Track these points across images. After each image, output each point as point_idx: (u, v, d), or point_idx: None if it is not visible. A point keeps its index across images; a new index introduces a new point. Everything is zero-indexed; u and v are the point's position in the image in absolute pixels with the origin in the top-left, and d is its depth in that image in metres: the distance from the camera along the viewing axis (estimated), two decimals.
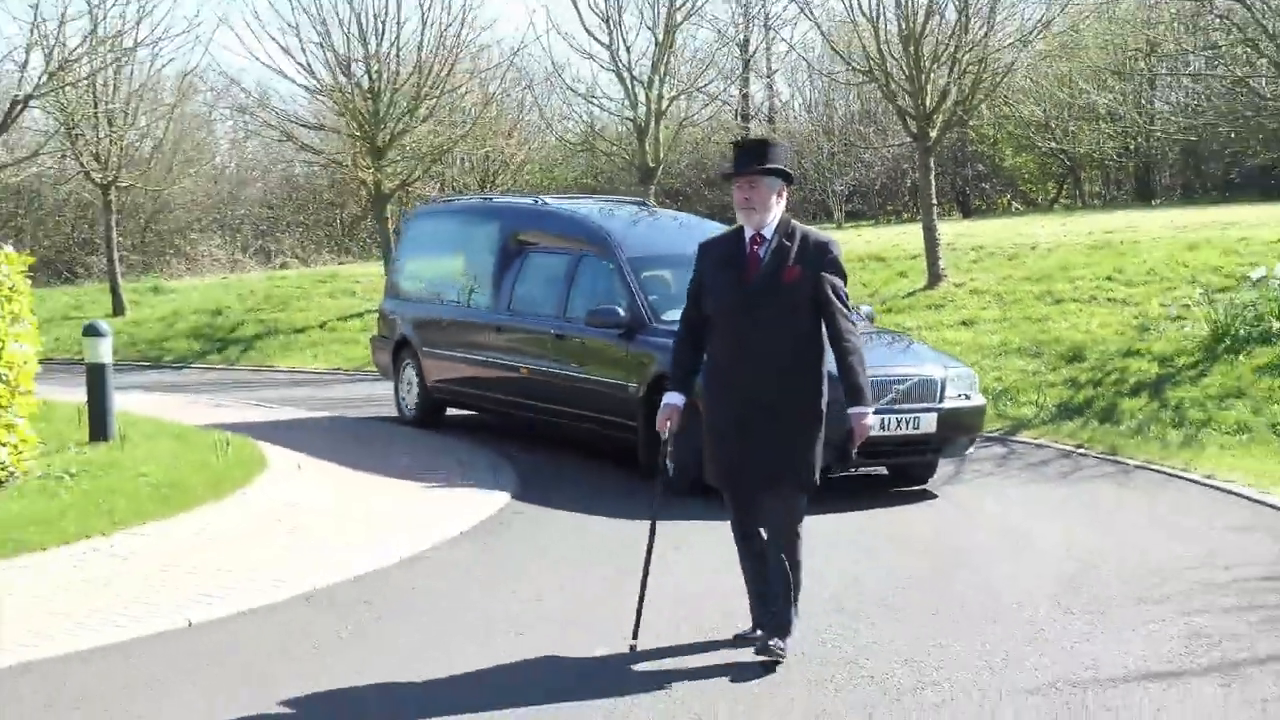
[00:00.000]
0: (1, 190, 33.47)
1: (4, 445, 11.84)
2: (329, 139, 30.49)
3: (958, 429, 11.50)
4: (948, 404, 11.37)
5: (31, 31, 24.17)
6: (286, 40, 27.25)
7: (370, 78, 26.65)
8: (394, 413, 16.70)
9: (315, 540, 10.09)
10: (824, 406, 7.17)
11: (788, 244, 7.08)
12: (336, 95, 27.47)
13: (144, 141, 30.38)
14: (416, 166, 28.54)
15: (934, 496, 11.66)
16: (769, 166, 7.13)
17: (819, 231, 7.33)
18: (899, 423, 10.99)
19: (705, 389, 7.40)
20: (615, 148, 30.85)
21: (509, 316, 14.18)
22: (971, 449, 11.94)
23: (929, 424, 11.16)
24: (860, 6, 22.09)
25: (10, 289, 12.21)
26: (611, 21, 26.89)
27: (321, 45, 26.84)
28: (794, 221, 7.25)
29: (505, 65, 32.72)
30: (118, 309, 28.82)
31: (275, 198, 41.78)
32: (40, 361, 13.12)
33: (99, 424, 14.22)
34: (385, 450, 14.04)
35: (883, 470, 12.08)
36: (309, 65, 27.32)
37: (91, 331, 14.45)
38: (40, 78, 24.58)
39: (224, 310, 27.98)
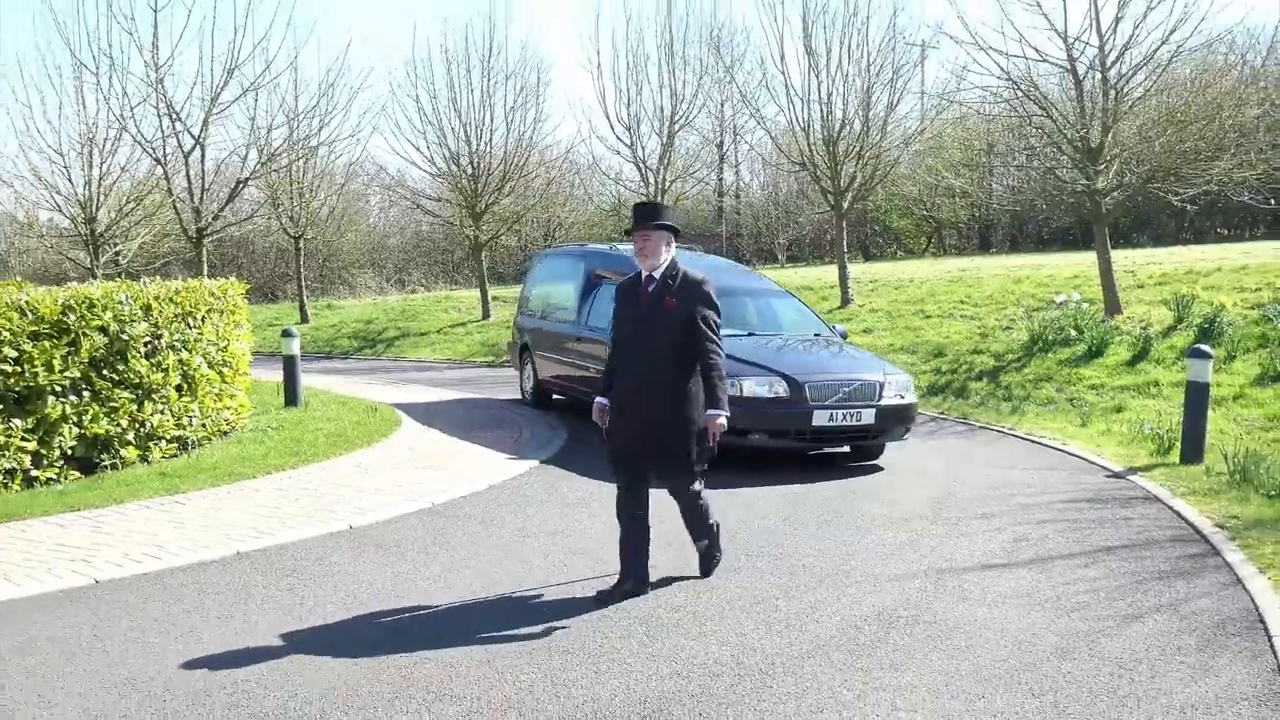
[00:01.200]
0: (229, 240, 33.50)
1: (228, 409, 11.86)
2: (443, 207, 30.44)
3: (893, 421, 10.56)
4: (885, 402, 10.39)
5: (250, 135, 24.21)
6: (417, 141, 27.72)
7: (472, 166, 26.73)
8: (495, 392, 16.68)
9: (431, 474, 10.09)
10: (690, 406, 6.37)
11: (670, 282, 6.42)
12: (449, 178, 27.67)
13: (323, 208, 30.33)
14: (502, 226, 28.56)
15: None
16: (659, 223, 6.46)
17: (697, 272, 6.53)
18: (845, 415, 10.19)
19: (613, 391, 6.62)
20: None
21: (586, 330, 13.16)
22: (907, 436, 10.94)
23: (869, 417, 10.28)
24: (797, 120, 22.14)
25: (234, 306, 12.22)
26: (631, 130, 26.91)
27: (440, 144, 26.98)
28: (681, 266, 6.52)
29: (562, 159, 32.84)
30: (303, 319, 28.82)
31: (408, 246, 41.70)
32: (252, 354, 13.16)
33: (291, 395, 14.25)
34: (484, 418, 14.01)
35: (846, 449, 11.03)
36: (431, 158, 27.49)
37: (287, 334, 14.45)
38: (255, 166, 24.61)
39: (373, 320, 27.95)
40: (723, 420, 6.30)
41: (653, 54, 31.99)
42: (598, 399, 6.67)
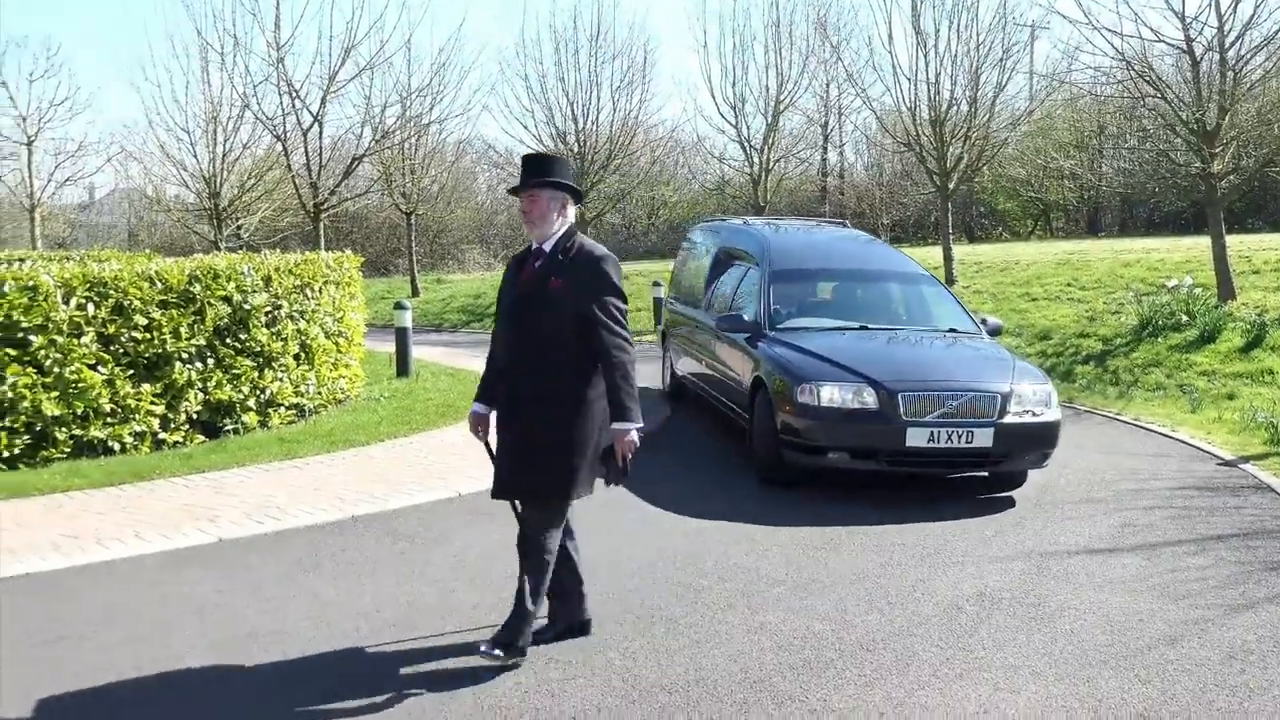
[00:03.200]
0: (344, 216, 34.13)
1: (343, 378, 12.11)
2: None
3: (1022, 444, 8.13)
4: (1010, 419, 8.01)
5: (365, 113, 24.65)
6: (525, 119, 27.79)
7: (578, 144, 26.87)
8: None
9: None
10: (583, 418, 4.82)
11: (561, 258, 4.89)
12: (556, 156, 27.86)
13: (433, 185, 30.70)
14: (606, 204, 28.67)
15: None
16: (548, 180, 4.95)
17: (596, 246, 4.98)
18: (951, 435, 7.92)
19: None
20: (737, 193, 30.90)
21: (705, 315, 11.38)
22: (1047, 462, 8.45)
23: (985, 438, 7.94)
24: (903, 100, 21.80)
25: (350, 278, 12.46)
26: (736, 109, 26.83)
27: (548, 123, 27.17)
28: (579, 236, 5.01)
29: (666, 138, 32.84)
30: (414, 292, 29.25)
31: (515, 222, 41.95)
32: (366, 325, 13.41)
33: (402, 365, 14.48)
34: None
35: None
36: (539, 136, 27.68)
37: (399, 306, 14.69)
38: (369, 143, 25.04)
39: (481, 295, 28.24)
40: (634, 435, 4.78)
41: (759, 34, 31.85)
42: (475, 405, 5.22)
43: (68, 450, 8.90)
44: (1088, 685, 4.79)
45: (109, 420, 9.12)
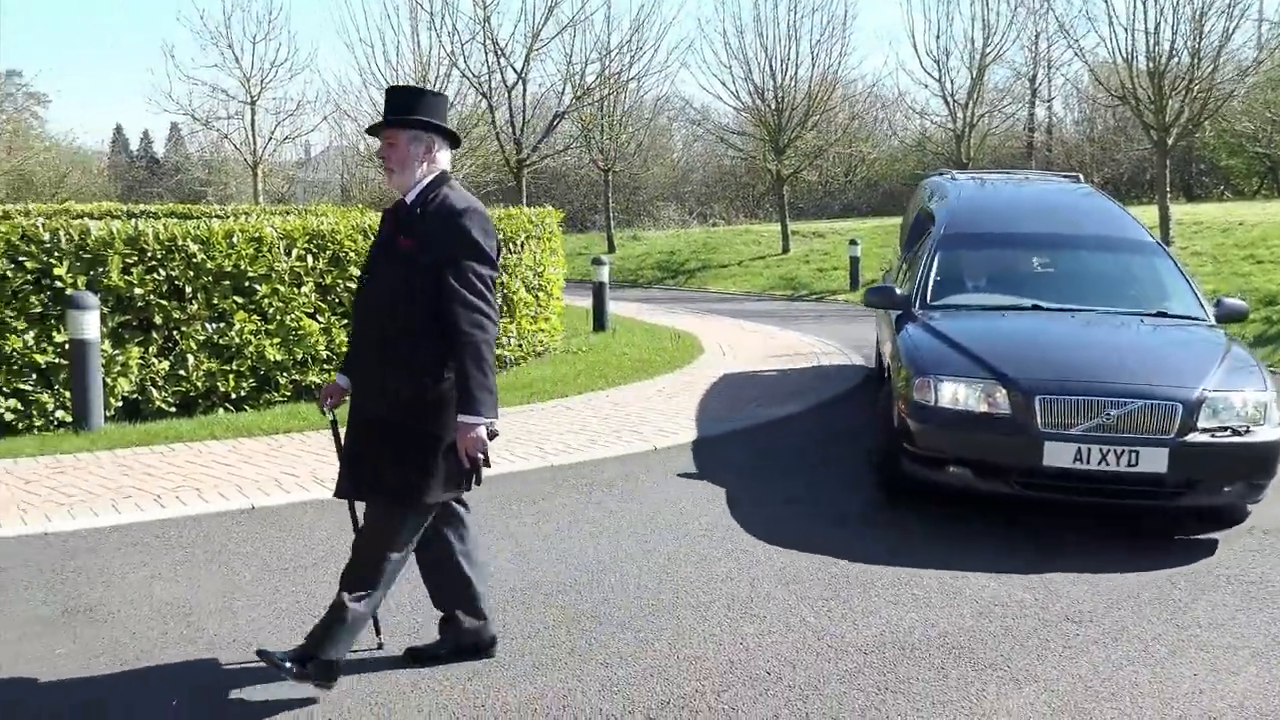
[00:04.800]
0: (544, 172, 34.74)
1: (543, 331, 12.36)
2: (746, 141, 30.41)
3: (1214, 470, 6.11)
4: (1196, 436, 6.04)
5: (566, 70, 25.00)
6: (722, 76, 27.83)
7: (776, 100, 26.56)
8: (794, 325, 16.63)
9: (729, 400, 10.16)
10: (437, 409, 3.97)
11: (418, 211, 4.03)
12: (753, 112, 27.65)
13: (630, 143, 30.92)
14: (804, 161, 28.30)
15: None
16: (409, 118, 4.06)
17: (463, 198, 4.06)
18: (1109, 455, 6.01)
19: None
20: (939, 149, 30.12)
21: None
22: (1261, 496, 6.30)
23: (1158, 461, 5.99)
24: (1119, 51, 20.71)
25: (550, 233, 12.68)
26: (940, 63, 26.15)
27: (746, 79, 26.95)
28: (448, 187, 4.07)
29: (866, 93, 32.20)
30: (610, 249, 29.59)
31: (710, 179, 41.98)
32: (565, 280, 13.64)
33: (599, 320, 14.69)
34: (781, 349, 13.96)
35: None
36: (736, 92, 27.55)
37: (597, 262, 14.89)
38: (570, 101, 25.40)
39: (676, 251, 28.38)
40: (480, 432, 3.90)
41: None
42: (337, 376, 4.40)
43: (288, 394, 9.38)
44: None
45: (325, 366, 9.56)
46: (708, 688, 4.23)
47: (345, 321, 9.64)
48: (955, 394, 6.45)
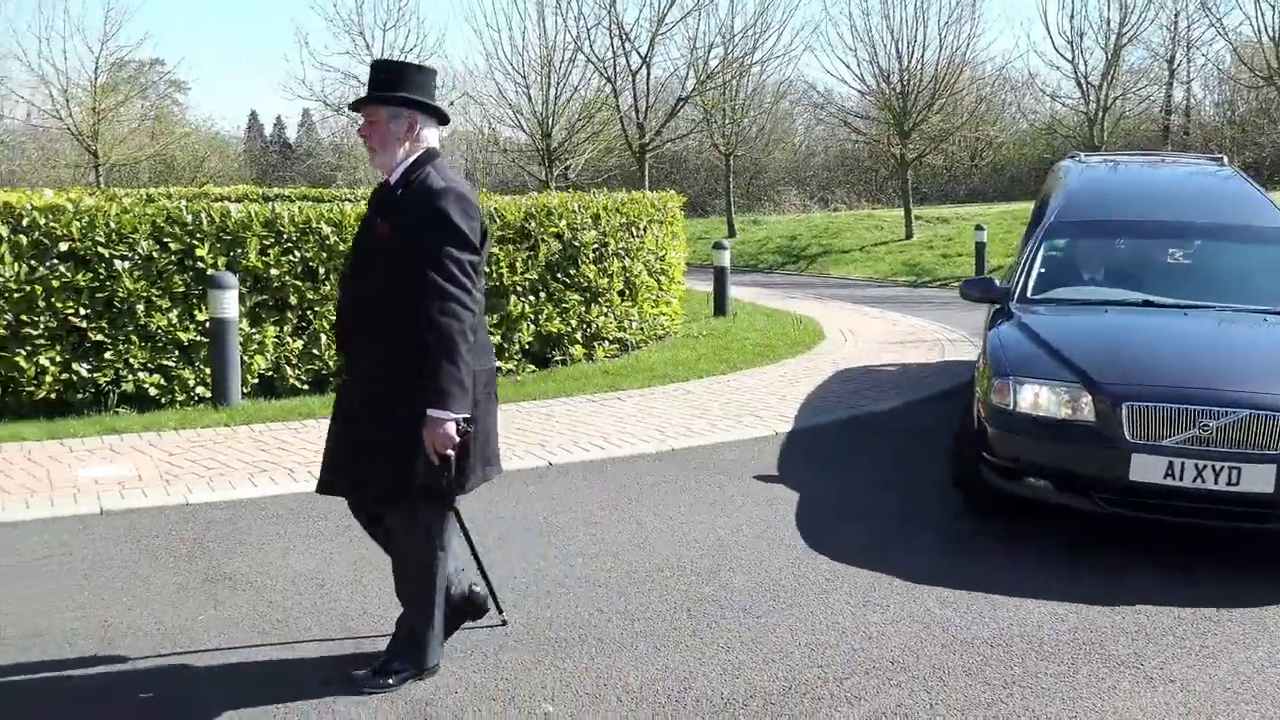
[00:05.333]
0: (665, 157, 34.80)
1: (664, 314, 12.39)
2: (870, 124, 30.00)
3: None
4: None
5: (689, 55, 25.01)
6: (847, 59, 27.49)
7: (902, 83, 26.14)
8: (918, 311, 16.37)
9: (851, 386, 10.03)
10: (411, 399, 3.73)
11: (398, 192, 3.86)
12: (878, 95, 27.27)
13: (752, 127, 30.78)
14: (928, 145, 27.82)
15: None
16: (390, 94, 3.88)
17: (445, 178, 3.82)
18: (1207, 472, 5.33)
19: None
20: (1070, 133, 29.32)
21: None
22: None
23: (1263, 479, 5.29)
24: (1266, 30, 19.85)
25: (672, 217, 12.69)
26: (1073, 44, 25.47)
27: (871, 62, 26.59)
28: (432, 166, 3.86)
29: (995, 75, 31.50)
30: (730, 233, 29.50)
31: (832, 163, 41.58)
32: (685, 264, 13.65)
33: (720, 304, 14.67)
34: (904, 335, 13.73)
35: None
36: (861, 75, 27.20)
37: (718, 246, 14.87)
38: (692, 86, 25.38)
39: (797, 236, 28.16)
40: (449, 428, 3.68)
41: None
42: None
43: None
44: None
45: None
46: (830, 675, 4.20)
47: None
48: (1036, 398, 5.84)
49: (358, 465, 3.91)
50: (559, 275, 10.53)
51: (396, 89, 3.89)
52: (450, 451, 3.72)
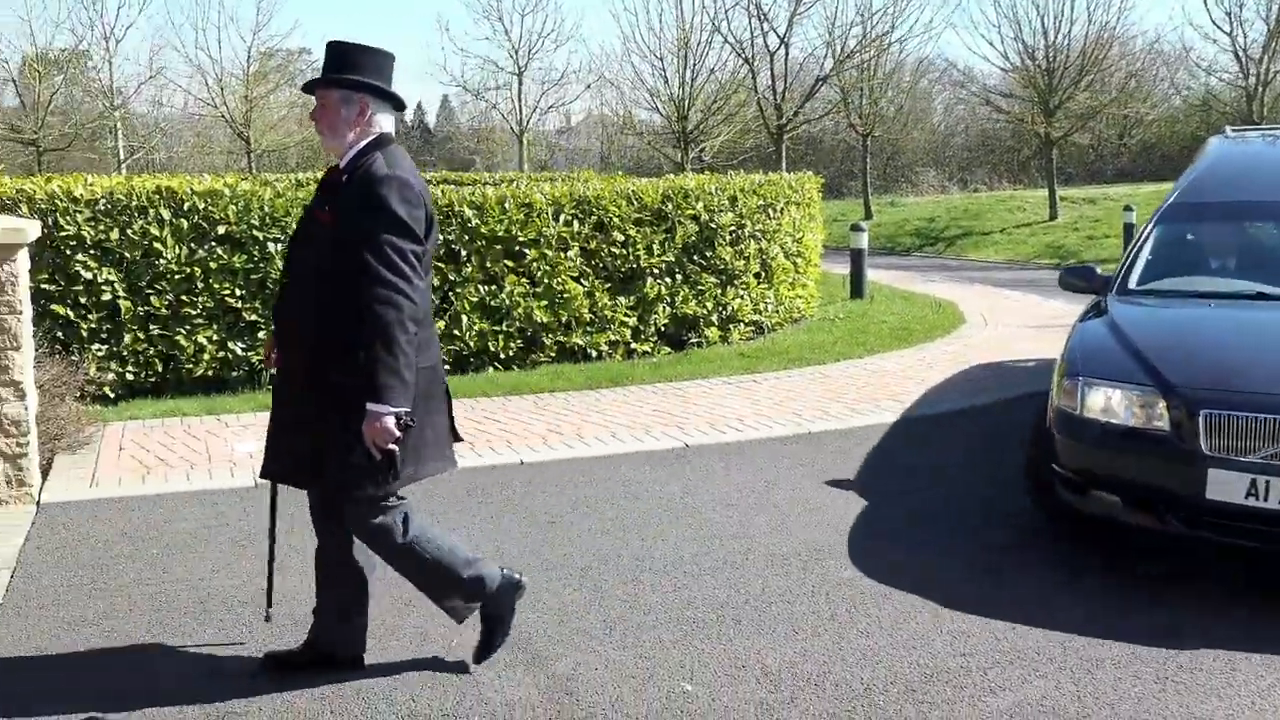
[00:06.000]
0: (800, 138, 34.48)
1: (800, 297, 12.30)
2: (1013, 103, 29.24)
3: None
4: None
5: (828, 34, 24.73)
6: (990, 36, 26.87)
7: (1047, 60, 25.43)
8: (1063, 295, 15.92)
9: (998, 367, 9.80)
10: (346, 395, 3.60)
11: (345, 180, 3.71)
12: (1022, 73, 26.59)
13: (890, 107, 30.31)
14: (1075, 123, 26.98)
15: None
16: (340, 77, 3.74)
17: (391, 164, 3.65)
18: (1262, 489, 4.62)
19: None
20: (1227, 109, 28.08)
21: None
22: None
23: None
24: None
25: (809, 199, 12.58)
26: (1232, 15, 24.43)
27: (1016, 39, 25.96)
28: (381, 153, 3.68)
29: (1146, 50, 30.37)
30: (867, 215, 29.12)
31: (973, 144, 40.67)
32: (822, 247, 13.52)
33: (857, 287, 14.50)
34: (1046, 317, 13.33)
35: None
36: (1005, 53, 26.60)
37: (856, 228, 14.69)
38: (830, 66, 25.10)
39: (935, 218, 27.65)
40: (387, 422, 3.52)
41: None
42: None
43: (552, 354, 9.70)
44: None
45: (588, 329, 9.82)
46: (973, 664, 4.12)
47: (609, 285, 9.88)
48: (1107, 401, 5.14)
49: (298, 456, 3.78)
50: (695, 257, 10.53)
51: (349, 72, 3.75)
52: (393, 446, 3.55)
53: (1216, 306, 5.88)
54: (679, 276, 10.39)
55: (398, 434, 3.53)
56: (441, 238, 9.11)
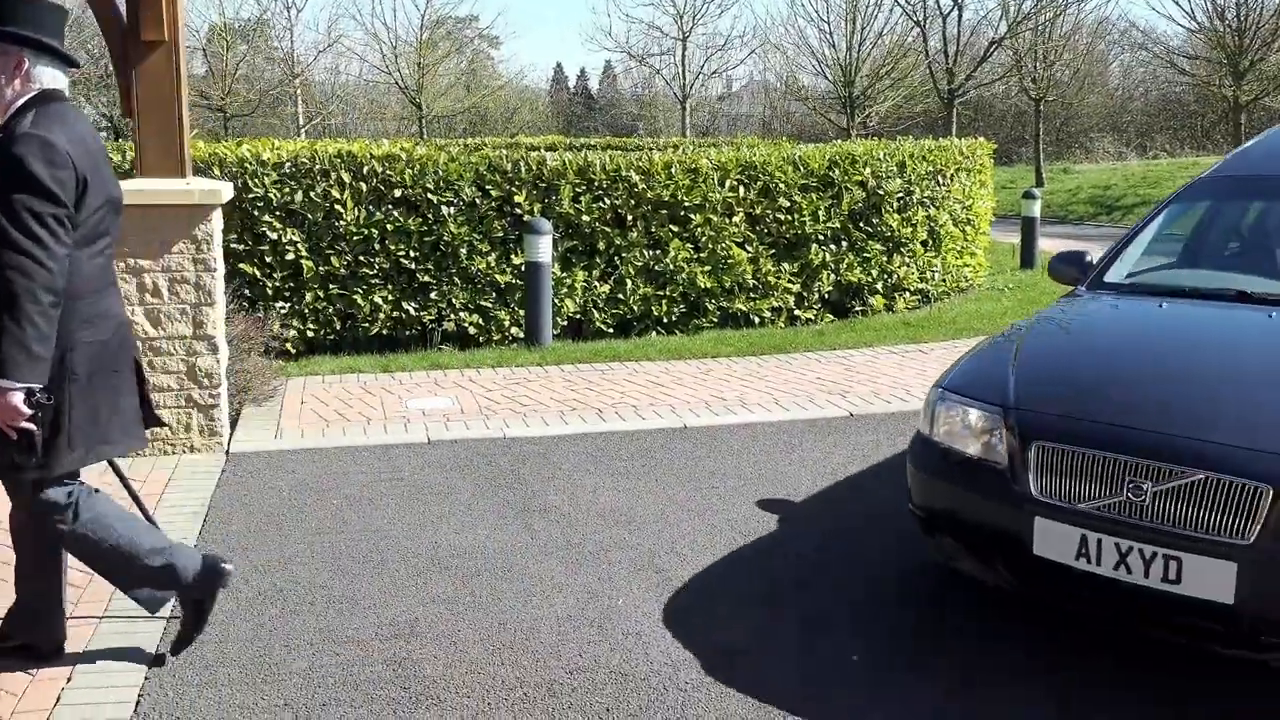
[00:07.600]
0: (968, 104, 33.48)
1: (967, 266, 11.98)
2: (1198, 65, 27.78)
3: None
4: None
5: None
6: None
7: (1238, 18, 24.07)
8: None
9: None
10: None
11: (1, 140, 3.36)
12: (1209, 33, 25.24)
13: (1065, 70, 29.16)
14: (1267, 85, 25.50)
15: None
16: None
17: (41, 123, 3.33)
18: (1128, 557, 3.48)
19: None
20: None
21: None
22: None
23: (1210, 580, 3.33)
24: None
25: (981, 166, 12.22)
26: None
27: None
28: (37, 112, 3.37)
29: None
30: (1039, 182, 28.16)
31: (1152, 109, 38.86)
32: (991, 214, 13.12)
33: (1027, 256, 14.09)
34: None
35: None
36: (1191, 11, 25.36)
37: (1028, 195, 14.27)
38: (1005, 28, 24.30)
39: (1111, 186, 26.54)
40: (13, 399, 3.24)
41: None
42: None
43: (715, 320, 9.68)
44: None
45: (751, 295, 9.77)
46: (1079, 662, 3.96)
47: (773, 251, 9.80)
48: (951, 424, 4.18)
49: None
50: (861, 224, 10.34)
51: (3, 24, 3.40)
52: (30, 425, 3.31)
53: (1168, 305, 4.75)
54: (844, 243, 10.23)
55: (27, 411, 3.28)
56: (608, 203, 9.16)
